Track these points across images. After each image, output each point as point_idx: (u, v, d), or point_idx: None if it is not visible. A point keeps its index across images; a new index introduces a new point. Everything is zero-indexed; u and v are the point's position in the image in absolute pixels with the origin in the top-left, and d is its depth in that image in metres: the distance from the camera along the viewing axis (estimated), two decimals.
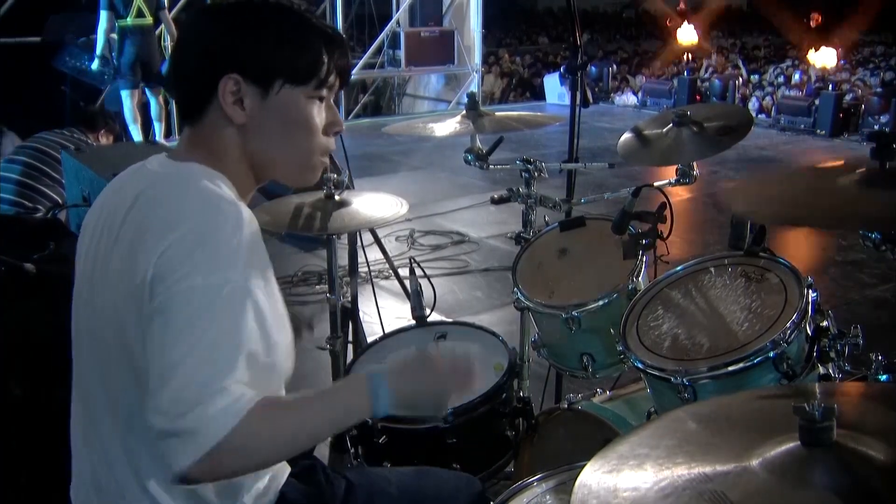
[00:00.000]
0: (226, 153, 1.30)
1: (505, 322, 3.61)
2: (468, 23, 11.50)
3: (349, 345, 2.70)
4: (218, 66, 1.26)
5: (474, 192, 6.54)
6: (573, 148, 2.68)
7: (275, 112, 1.29)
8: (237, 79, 1.26)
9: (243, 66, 1.26)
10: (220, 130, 1.29)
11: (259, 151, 1.32)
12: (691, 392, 1.63)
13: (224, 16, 1.30)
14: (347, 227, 2.30)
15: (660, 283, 1.92)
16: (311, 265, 4.77)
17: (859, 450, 0.93)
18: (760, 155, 8.60)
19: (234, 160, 1.31)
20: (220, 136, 1.30)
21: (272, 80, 1.28)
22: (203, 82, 1.27)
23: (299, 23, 1.31)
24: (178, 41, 1.33)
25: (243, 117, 1.28)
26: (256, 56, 1.27)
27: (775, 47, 18.26)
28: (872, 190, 1.38)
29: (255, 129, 1.29)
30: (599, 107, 11.64)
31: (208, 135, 1.30)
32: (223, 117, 1.28)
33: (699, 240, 5.17)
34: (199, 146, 1.31)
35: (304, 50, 1.30)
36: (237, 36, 1.27)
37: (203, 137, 1.30)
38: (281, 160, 1.34)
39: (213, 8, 1.33)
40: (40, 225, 3.57)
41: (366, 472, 1.64)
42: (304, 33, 1.30)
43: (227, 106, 1.27)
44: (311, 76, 1.30)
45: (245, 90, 1.27)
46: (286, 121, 1.31)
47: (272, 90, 1.28)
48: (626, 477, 0.97)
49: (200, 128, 1.30)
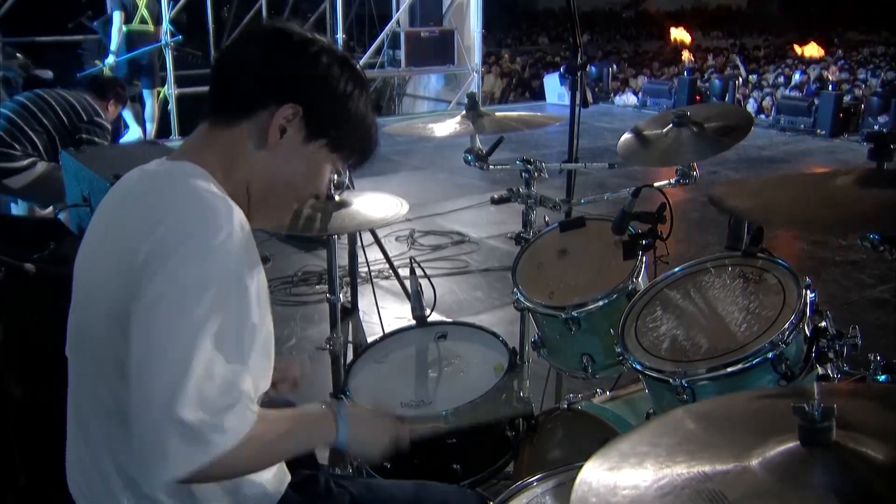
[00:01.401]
0: (232, 166, 1.30)
1: (505, 322, 3.61)
2: (468, 23, 11.49)
3: (349, 345, 2.70)
4: (290, 91, 1.27)
5: (474, 193, 6.54)
6: (573, 148, 2.68)
7: (302, 158, 1.32)
8: (298, 111, 1.27)
9: (310, 106, 1.28)
10: (242, 143, 1.29)
11: (262, 180, 1.32)
12: (690, 393, 1.63)
13: (322, 52, 1.29)
14: (347, 228, 2.30)
15: (659, 284, 1.92)
16: (311, 265, 4.77)
17: (858, 450, 0.93)
18: (760, 155, 8.60)
19: (237, 175, 1.30)
20: (239, 148, 1.29)
21: (321, 136, 1.31)
22: (266, 94, 1.27)
23: (367, 102, 1.34)
24: (258, 45, 1.30)
25: (276, 144, 1.28)
26: (327, 110, 1.29)
27: (775, 47, 18.27)
28: (869, 190, 1.39)
29: (276, 160, 1.30)
30: (599, 107, 11.64)
31: (228, 141, 1.30)
32: (254, 133, 1.28)
33: (699, 240, 5.17)
34: (210, 148, 1.30)
35: (362, 136, 1.36)
36: (321, 79, 1.28)
37: (220, 141, 1.30)
38: (272, 196, 1.35)
39: (311, 40, 1.30)
40: (40, 225, 3.57)
41: (368, 484, 1.64)
42: (368, 120, 1.35)
43: (273, 126, 1.27)
44: (351, 156, 1.36)
45: (295, 124, 1.28)
46: (305, 170, 1.34)
47: (314, 142, 1.31)
48: (625, 475, 0.97)
49: (225, 130, 1.30)
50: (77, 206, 3.95)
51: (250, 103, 1.28)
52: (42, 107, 4.36)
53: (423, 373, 2.12)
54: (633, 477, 0.97)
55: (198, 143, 1.32)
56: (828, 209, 1.42)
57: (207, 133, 1.32)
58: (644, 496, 0.93)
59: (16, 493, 2.05)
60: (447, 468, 1.94)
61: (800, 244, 5.58)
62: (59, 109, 4.39)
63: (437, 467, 1.90)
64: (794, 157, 8.82)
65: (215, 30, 11.70)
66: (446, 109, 11.34)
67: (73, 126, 4.39)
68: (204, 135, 1.32)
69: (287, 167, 1.31)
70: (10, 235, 2.94)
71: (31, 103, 4.36)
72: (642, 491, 0.94)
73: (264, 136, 1.28)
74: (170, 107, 8.84)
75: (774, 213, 1.53)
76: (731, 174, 7.37)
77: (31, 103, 4.36)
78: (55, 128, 4.36)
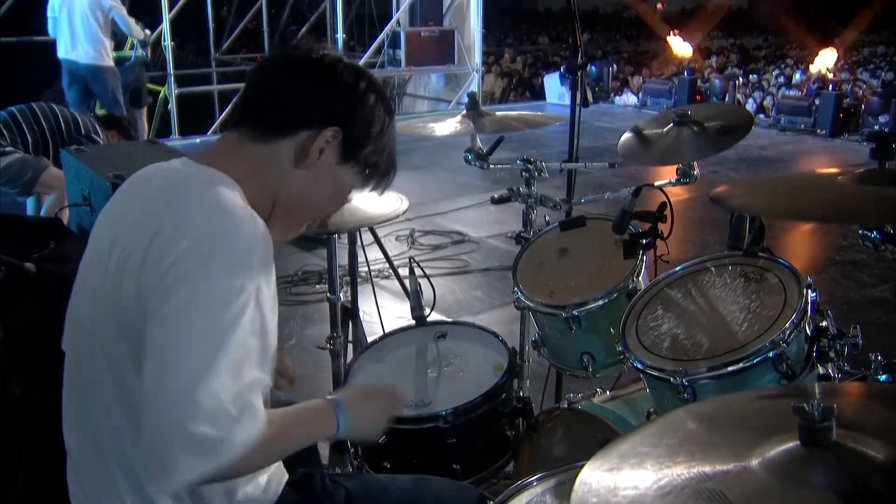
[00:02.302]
0: (264, 180, 1.33)
1: (505, 322, 3.61)
2: (468, 22, 11.48)
3: (349, 344, 2.70)
4: (336, 114, 1.33)
5: (474, 192, 6.54)
6: (573, 147, 2.68)
7: (333, 178, 1.37)
8: (338, 134, 1.32)
9: (349, 129, 1.33)
10: (277, 159, 1.32)
11: (292, 196, 1.36)
12: (691, 392, 1.63)
13: (363, 78, 1.36)
14: (347, 225, 2.29)
15: (659, 283, 1.92)
16: (311, 265, 4.77)
17: (859, 450, 0.93)
18: (760, 155, 8.60)
19: (266, 189, 1.33)
20: (274, 164, 1.32)
21: (354, 159, 1.36)
22: (311, 116, 1.32)
23: (393, 129, 1.42)
24: (309, 67, 1.34)
25: (314, 164, 1.33)
26: (363, 134, 1.35)
27: (775, 47, 18.27)
28: (870, 186, 1.39)
29: (310, 178, 1.35)
30: (599, 106, 11.64)
31: (263, 155, 1.32)
32: (294, 150, 1.32)
33: (699, 239, 5.17)
34: (241, 159, 1.32)
35: (389, 161, 1.43)
36: (361, 106, 1.35)
37: (254, 154, 1.32)
38: (299, 212, 1.40)
39: (355, 67, 1.38)
40: (41, 224, 3.57)
41: (365, 480, 1.64)
42: (393, 146, 1.43)
43: (315, 147, 1.31)
44: (376, 179, 1.42)
45: (333, 146, 1.33)
46: (332, 190, 1.39)
47: (346, 164, 1.36)
48: (625, 475, 0.97)
49: (262, 145, 1.32)
50: (77, 205, 3.95)
51: (295, 123, 1.32)
52: (46, 113, 4.47)
53: (422, 372, 2.12)
54: (633, 477, 0.96)
55: (226, 151, 1.34)
56: (831, 204, 1.42)
57: (238, 143, 1.33)
58: (644, 496, 0.93)
59: (16, 493, 2.04)
60: (447, 468, 1.94)
61: (801, 244, 5.59)
62: (61, 118, 4.50)
63: (437, 467, 1.90)
64: (795, 156, 8.82)
65: (215, 29, 11.71)
66: (446, 109, 11.35)
67: (69, 136, 4.47)
68: (234, 144, 1.34)
69: (318, 186, 1.37)
70: (10, 235, 2.93)
71: (37, 108, 4.49)
72: (642, 491, 0.93)
73: (304, 155, 1.32)
74: (170, 106, 8.85)
75: (775, 208, 1.53)
76: (731, 174, 7.37)
77: (37, 108, 4.49)
78: (50, 131, 4.43)
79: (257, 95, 1.36)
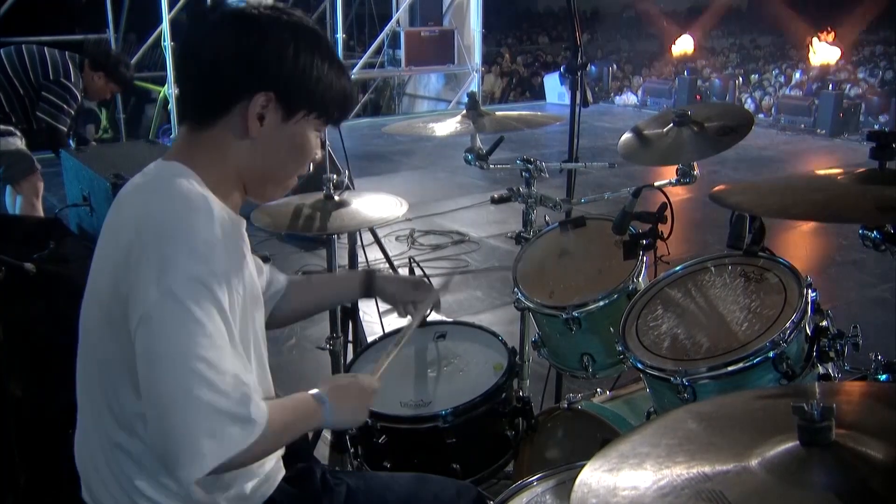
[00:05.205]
0: (222, 159, 1.32)
1: (505, 322, 3.62)
2: (468, 22, 11.49)
3: (349, 344, 2.70)
4: (255, 79, 1.28)
5: (474, 192, 6.54)
6: (573, 148, 2.68)
7: (287, 136, 1.33)
8: (270, 96, 1.28)
9: (280, 87, 1.28)
10: (225, 139, 1.31)
11: (252, 166, 1.34)
12: (691, 392, 1.63)
13: (270, 31, 1.28)
14: (347, 227, 2.30)
15: (660, 283, 1.92)
16: (311, 265, 4.77)
17: (858, 449, 0.93)
18: (761, 155, 8.60)
19: (227, 167, 1.33)
20: (224, 142, 1.31)
21: (300, 109, 1.32)
22: (233, 91, 1.28)
23: (333, 56, 1.34)
24: (210, 42, 1.30)
25: (259, 132, 1.30)
26: (297, 83, 1.29)
27: (775, 47, 18.25)
28: (870, 186, 1.39)
29: (261, 146, 1.32)
30: (600, 106, 11.65)
31: (211, 140, 1.32)
32: (235, 127, 1.30)
33: (699, 240, 5.17)
34: (197, 148, 1.32)
35: (336, 88, 1.34)
36: (282, 57, 1.28)
37: (204, 141, 1.32)
38: (268, 178, 1.38)
39: (256, 19, 1.29)
40: (40, 224, 3.56)
41: (365, 477, 1.65)
42: (338, 68, 1.34)
43: (250, 117, 1.28)
44: (333, 112, 1.36)
45: (270, 108, 1.29)
46: (292, 146, 1.35)
47: (295, 117, 1.32)
48: (625, 476, 0.97)
49: (207, 131, 1.31)
50: (77, 205, 3.95)
51: (222, 103, 1.29)
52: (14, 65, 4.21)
53: (422, 372, 2.12)
54: (632, 478, 0.96)
55: (183, 144, 1.35)
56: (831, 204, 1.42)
57: (188, 134, 1.34)
58: (643, 496, 0.93)
59: (16, 493, 2.04)
60: (447, 467, 1.93)
61: (801, 243, 5.58)
62: (28, 60, 4.22)
63: (436, 466, 1.90)
64: (795, 156, 8.82)
65: None
66: (446, 109, 11.35)
67: (37, 83, 4.22)
68: (186, 136, 1.35)
69: (276, 149, 1.34)
70: (10, 235, 2.93)
71: (6, 60, 4.22)
72: (642, 491, 0.93)
73: (245, 127, 1.30)
74: (170, 106, 8.86)
75: (775, 208, 1.52)
76: (731, 174, 7.36)
77: (6, 60, 4.22)
78: (22, 85, 4.20)
79: (183, 86, 1.35)
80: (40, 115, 4.23)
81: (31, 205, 4.41)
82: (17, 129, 4.28)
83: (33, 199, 4.42)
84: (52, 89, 4.24)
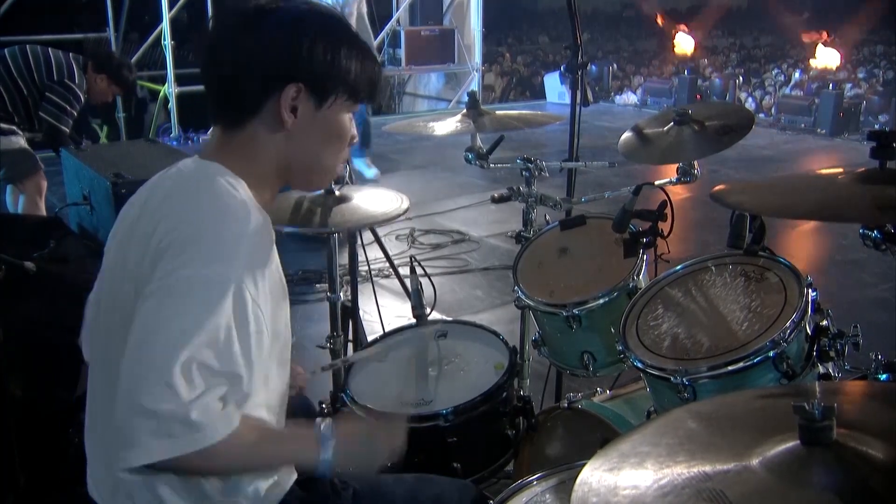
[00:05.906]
0: (259, 156, 1.33)
1: (505, 321, 3.61)
2: (468, 22, 11.49)
3: (349, 344, 2.70)
4: (284, 73, 1.29)
5: (475, 191, 6.54)
6: (574, 147, 2.68)
7: (322, 123, 1.34)
8: (300, 87, 1.29)
9: (308, 75, 1.29)
10: (261, 134, 1.32)
11: (294, 157, 1.35)
12: (691, 391, 1.63)
13: (292, 23, 1.30)
14: (348, 223, 2.29)
15: (660, 282, 1.92)
16: (311, 264, 4.77)
17: (859, 449, 0.93)
18: (761, 154, 8.59)
19: (265, 163, 1.34)
20: (260, 139, 1.33)
21: (330, 94, 1.32)
22: (264, 87, 1.29)
23: (354, 38, 1.35)
24: (234, 44, 1.31)
25: (293, 124, 1.31)
26: (324, 69, 1.30)
27: (775, 47, 18.24)
28: (870, 186, 1.38)
29: (298, 137, 1.33)
30: (600, 106, 11.63)
31: (247, 138, 1.33)
32: (269, 122, 1.31)
33: (700, 238, 5.16)
34: (231, 147, 1.33)
35: (365, 68, 1.35)
36: (307, 46, 1.29)
37: (239, 139, 1.33)
38: (313, 167, 1.39)
39: (274, 12, 1.31)
40: (41, 223, 3.56)
41: (371, 480, 1.65)
42: (363, 50, 1.35)
43: (283, 111, 1.29)
44: (363, 93, 1.36)
45: (302, 98, 1.30)
46: (329, 132, 1.36)
47: (326, 103, 1.33)
48: (626, 475, 0.97)
49: (241, 130, 1.33)
50: (77, 204, 3.95)
51: (255, 101, 1.31)
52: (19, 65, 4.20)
53: (423, 371, 2.12)
54: (633, 477, 0.96)
55: (218, 144, 1.36)
56: (831, 203, 1.42)
57: (223, 135, 1.35)
58: (644, 496, 0.92)
59: (16, 493, 2.04)
60: (447, 467, 1.93)
61: (801, 243, 5.58)
62: (31, 61, 4.22)
63: (437, 466, 1.90)
64: (795, 156, 8.82)
65: None
66: (447, 108, 11.35)
67: (40, 83, 4.22)
68: (220, 137, 1.36)
69: (313, 137, 1.35)
70: (10, 234, 2.94)
71: (8, 55, 4.22)
72: (642, 490, 0.93)
73: (279, 121, 1.31)
74: (170, 105, 8.85)
75: (775, 207, 1.52)
76: (731, 173, 7.35)
77: (8, 55, 4.22)
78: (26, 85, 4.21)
79: (211, 89, 1.35)
80: (43, 115, 4.24)
81: (35, 203, 4.42)
82: (20, 128, 4.28)
83: (36, 198, 4.42)
84: (55, 90, 4.25)
